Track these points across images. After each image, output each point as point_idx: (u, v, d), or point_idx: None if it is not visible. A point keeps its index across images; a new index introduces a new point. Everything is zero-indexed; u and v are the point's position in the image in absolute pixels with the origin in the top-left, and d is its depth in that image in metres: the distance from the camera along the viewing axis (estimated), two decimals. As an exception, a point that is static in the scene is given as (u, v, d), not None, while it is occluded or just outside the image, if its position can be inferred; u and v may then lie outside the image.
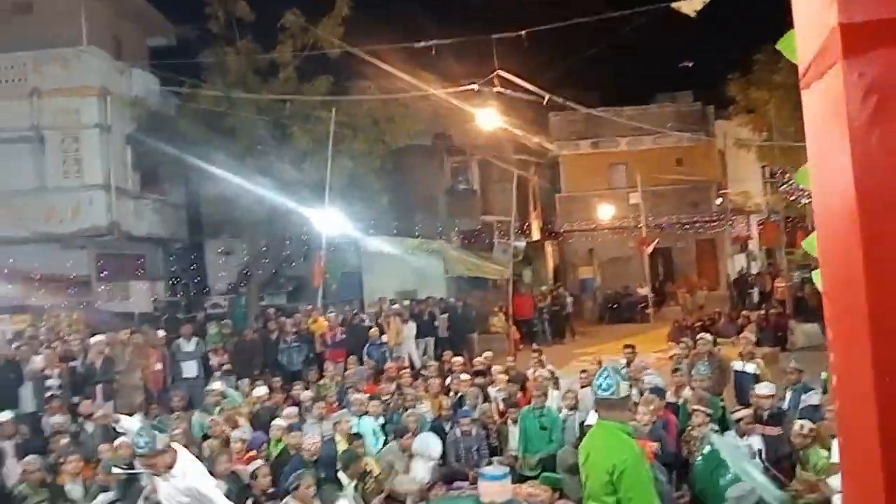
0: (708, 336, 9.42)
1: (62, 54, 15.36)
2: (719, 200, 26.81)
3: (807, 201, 24.19)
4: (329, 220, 14.90)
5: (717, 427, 6.77)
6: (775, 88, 19.77)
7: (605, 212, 26.34)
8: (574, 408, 8.61)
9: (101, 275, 15.61)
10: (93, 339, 10.23)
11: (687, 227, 26.07)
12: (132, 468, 6.97)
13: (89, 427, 8.73)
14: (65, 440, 7.91)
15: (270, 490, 6.76)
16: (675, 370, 8.85)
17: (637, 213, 23.90)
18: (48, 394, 9.24)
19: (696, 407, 6.69)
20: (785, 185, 23.68)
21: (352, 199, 16.35)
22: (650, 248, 23.08)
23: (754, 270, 27.09)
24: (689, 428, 6.45)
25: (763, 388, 7.41)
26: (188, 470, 4.78)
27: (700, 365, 8.02)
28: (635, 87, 31.77)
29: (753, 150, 24.53)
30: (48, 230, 14.98)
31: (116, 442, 7.78)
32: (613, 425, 3.59)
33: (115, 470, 6.79)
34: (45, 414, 8.97)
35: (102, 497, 6.21)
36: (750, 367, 8.73)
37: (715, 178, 26.70)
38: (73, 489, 6.97)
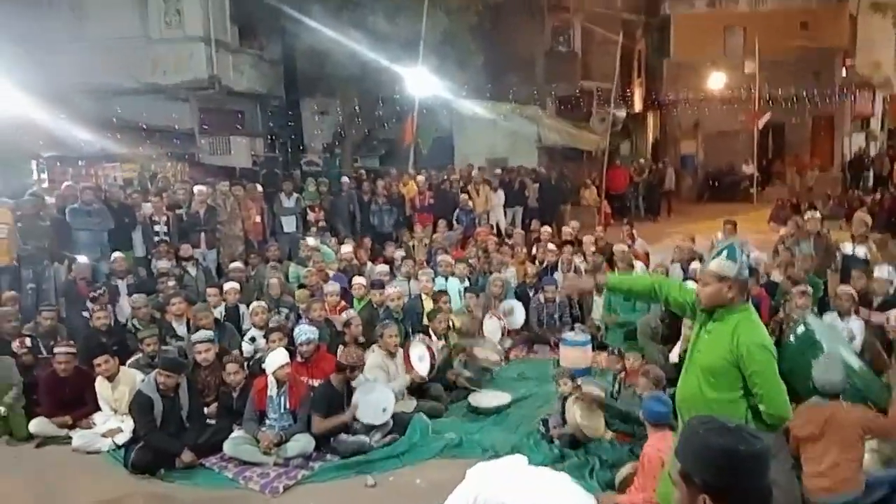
0: (817, 214, 8.84)
1: None
2: (844, 72, 24.48)
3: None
4: (422, 81, 14.58)
5: (814, 308, 6.48)
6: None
7: (717, 81, 24.62)
8: (663, 282, 8.44)
9: (204, 128, 16.06)
10: (195, 189, 10.66)
11: (805, 100, 24.14)
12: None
13: (192, 270, 9.29)
14: (171, 283, 8.46)
15: (361, 340, 7.09)
16: (786, 249, 8.39)
17: (751, 83, 22.17)
18: (156, 239, 9.80)
19: (801, 288, 6.36)
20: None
21: (445, 59, 15.86)
22: (762, 123, 21.56)
23: (873, 152, 25.06)
24: (789, 310, 6.19)
25: (882, 272, 6.99)
26: None
27: (804, 244, 7.59)
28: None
29: (890, 15, 21.98)
30: (153, 81, 15.38)
31: (226, 287, 8.27)
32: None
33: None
34: (153, 258, 9.57)
35: (201, 333, 6.66)
36: (861, 251, 8.20)
37: (842, 45, 24.25)
38: (178, 327, 7.53)
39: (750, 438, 1.81)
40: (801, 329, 5.59)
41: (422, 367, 6.74)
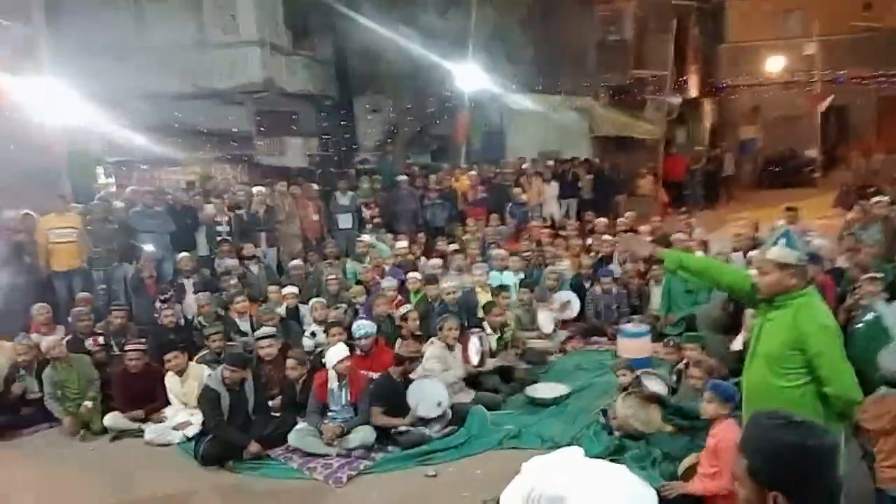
0: (885, 198, 8.51)
1: None
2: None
3: None
4: (472, 76, 14.59)
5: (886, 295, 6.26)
6: None
7: (775, 64, 23.85)
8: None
9: (260, 130, 16.41)
10: (254, 190, 10.94)
11: (869, 81, 23.16)
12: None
13: (254, 269, 9.53)
14: (234, 281, 8.70)
15: (418, 333, 7.18)
16: (851, 234, 8.12)
17: (812, 65, 21.44)
18: (219, 239, 10.09)
19: (873, 275, 6.14)
20: None
21: (495, 53, 15.82)
22: (824, 106, 20.82)
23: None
24: (858, 297, 5.99)
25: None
26: None
27: (871, 229, 7.32)
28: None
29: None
30: (210, 85, 15.78)
31: (285, 291, 8.45)
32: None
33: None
34: (216, 257, 9.85)
35: (264, 329, 6.85)
36: (931, 235, 7.88)
37: (910, 24, 23.20)
38: (242, 324, 7.75)
39: (818, 432, 1.73)
40: (870, 316, 5.43)
41: (474, 358, 6.82)
